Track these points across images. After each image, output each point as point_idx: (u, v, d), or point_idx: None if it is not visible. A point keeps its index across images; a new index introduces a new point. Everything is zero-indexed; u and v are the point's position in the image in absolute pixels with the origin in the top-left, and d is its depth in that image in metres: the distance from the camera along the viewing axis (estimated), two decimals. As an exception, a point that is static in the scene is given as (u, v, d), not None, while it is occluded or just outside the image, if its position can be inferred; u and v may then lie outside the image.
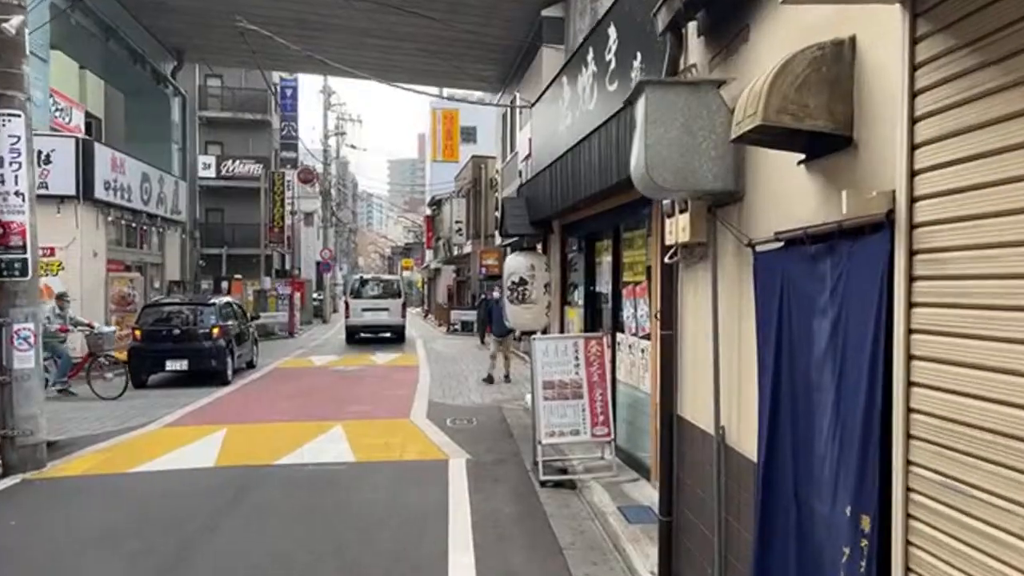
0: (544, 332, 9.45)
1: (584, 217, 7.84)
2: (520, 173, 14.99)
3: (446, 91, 27.94)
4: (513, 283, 8.77)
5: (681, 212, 3.75)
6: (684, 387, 4.10)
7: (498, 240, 22.43)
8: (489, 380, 12.61)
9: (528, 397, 9.98)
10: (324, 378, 13.79)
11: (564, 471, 6.57)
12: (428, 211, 40.33)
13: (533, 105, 10.11)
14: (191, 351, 11.97)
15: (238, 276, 27.73)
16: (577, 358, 6.47)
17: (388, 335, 21.78)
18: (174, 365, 11.69)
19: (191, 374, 12.21)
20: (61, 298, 11.65)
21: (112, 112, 21.77)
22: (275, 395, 11.66)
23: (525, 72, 19.11)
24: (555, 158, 7.75)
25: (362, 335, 21.55)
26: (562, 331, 9.03)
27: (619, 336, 6.85)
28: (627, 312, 6.58)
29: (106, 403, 10.68)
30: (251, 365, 15.06)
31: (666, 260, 4.08)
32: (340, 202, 53.21)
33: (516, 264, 8.81)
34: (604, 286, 7.50)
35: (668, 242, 4.00)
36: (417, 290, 52.80)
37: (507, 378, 12.85)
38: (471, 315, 26.38)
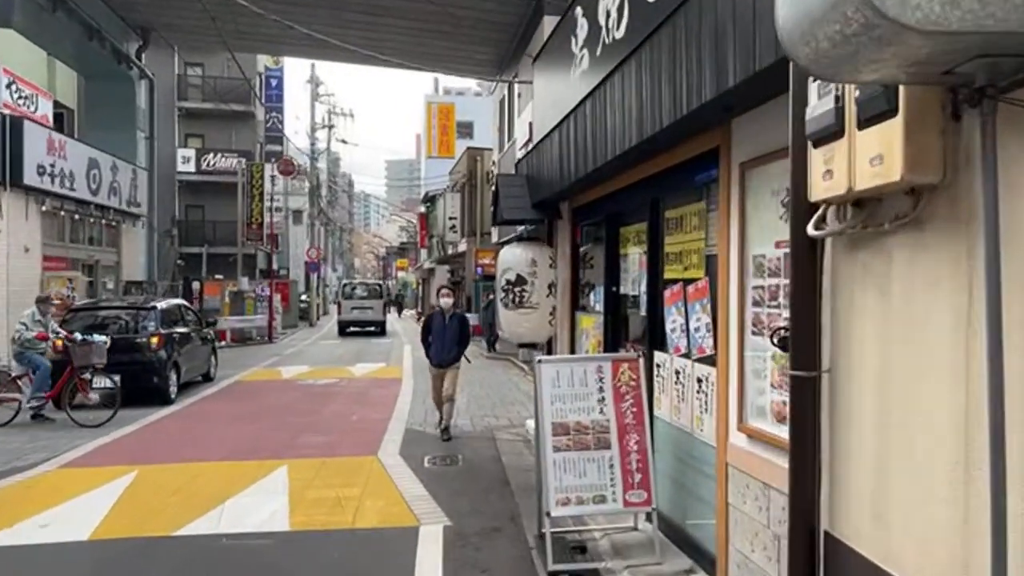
0: (548, 345, 7.42)
1: (605, 194, 5.83)
2: (518, 165, 13.00)
3: (442, 86, 26.02)
4: (508, 282, 6.75)
5: (867, 123, 1.74)
6: (847, 481, 2.09)
7: (495, 237, 20.48)
8: (445, 435, 8.22)
9: (530, 423, 7.96)
10: (288, 395, 11.75)
11: (583, 549, 4.56)
12: (422, 208, 38.31)
13: (535, 60, 8.10)
14: (124, 365, 9.90)
15: (219, 276, 25.76)
16: (602, 390, 4.46)
17: (372, 328, 26.73)
18: (101, 382, 9.64)
19: (126, 392, 10.18)
20: (44, 302, 9.83)
21: (89, 104, 19.70)
22: (221, 420, 9.62)
23: (525, 50, 17.13)
24: (565, 114, 5.74)
25: (351, 328, 26.54)
26: (572, 344, 7.00)
27: (658, 356, 4.85)
28: (672, 323, 4.57)
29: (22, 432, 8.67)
30: (207, 378, 13.03)
31: (811, 231, 2.07)
32: (331, 200, 51.19)
33: (512, 258, 6.79)
34: (633, 286, 5.48)
35: (817, 196, 2.00)
36: (412, 291, 50.75)
37: (445, 433, 8.22)
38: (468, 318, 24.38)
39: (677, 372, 4.53)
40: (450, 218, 26.78)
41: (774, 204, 3.30)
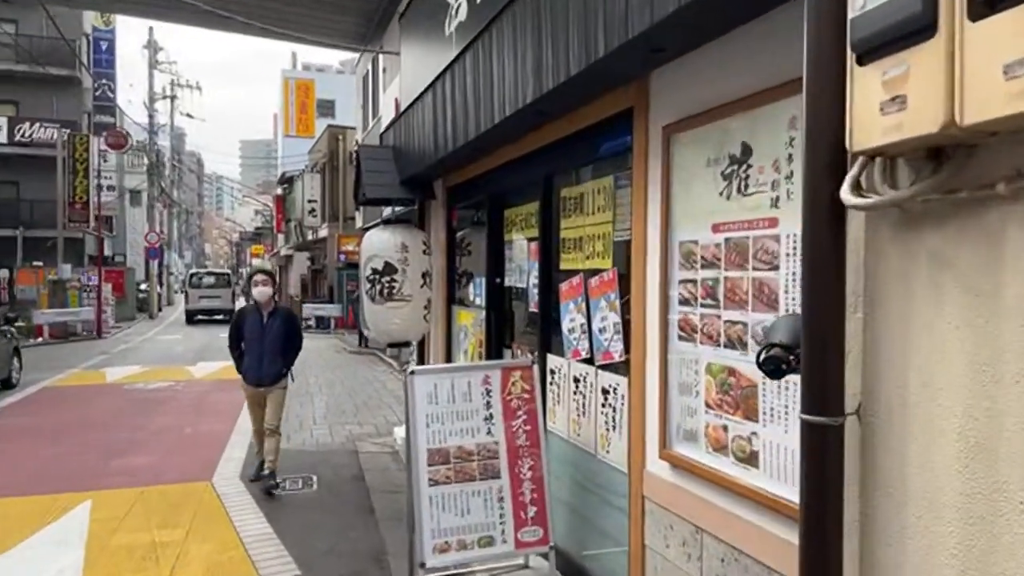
0: (421, 345, 6.52)
1: (487, 170, 5.00)
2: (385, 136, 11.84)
3: (300, 61, 24.18)
4: (374, 271, 5.78)
5: (993, 5, 1.01)
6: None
7: (360, 222, 19.16)
8: (268, 483, 5.80)
9: (399, 432, 7.03)
10: (109, 403, 10.01)
11: (464, 597, 3.74)
12: (279, 190, 35.79)
13: (401, 17, 7.10)
14: None
15: (37, 263, 22.43)
16: (490, 405, 3.63)
17: (220, 317, 25.81)
18: None
19: None
20: None
21: None
22: (13, 439, 7.87)
23: (391, 22, 15.92)
24: (441, 70, 4.83)
25: (199, 317, 26.75)
26: (449, 344, 6.14)
27: (552, 360, 4.10)
28: (569, 321, 3.83)
29: None
30: (7, 384, 10.92)
31: (848, 198, 1.31)
32: (177, 179, 46.88)
33: (379, 243, 5.83)
34: (521, 277, 4.70)
35: (863, 144, 1.25)
36: (269, 280, 47.48)
37: (269, 479, 5.79)
38: (329, 309, 22.87)
39: (576, 380, 3.80)
40: (309, 201, 24.99)
41: (711, 177, 2.60)
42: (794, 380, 2.25)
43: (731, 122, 2.51)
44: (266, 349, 5.93)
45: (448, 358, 6.06)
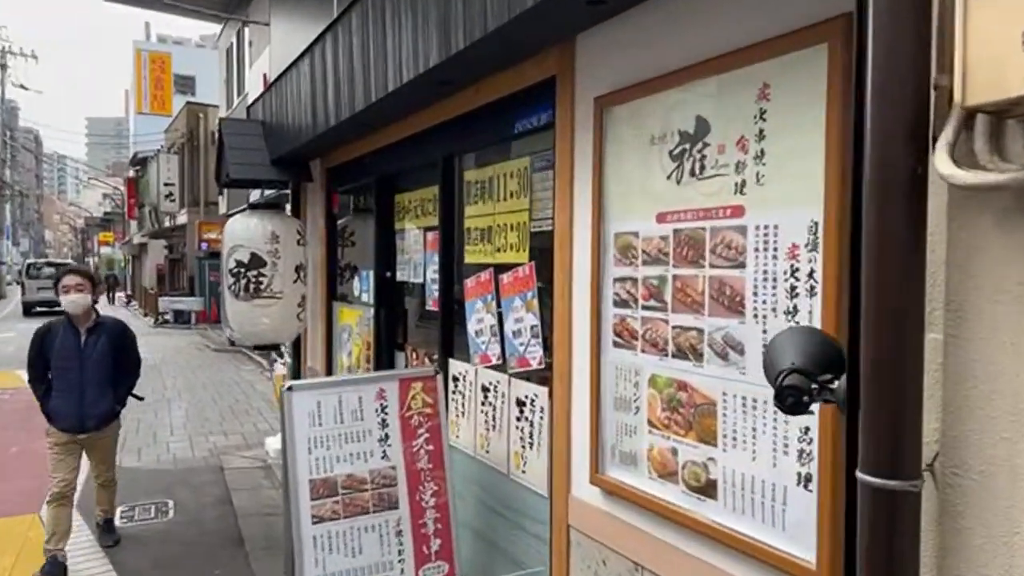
0: (296, 347, 5.83)
1: (374, 149, 4.41)
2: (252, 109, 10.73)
3: (155, 33, 22.13)
4: (239, 263, 5.05)
5: None
6: None
7: (224, 208, 17.67)
8: (108, 538, 4.67)
9: (272, 442, 6.28)
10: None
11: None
12: (131, 172, 32.68)
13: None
14: None
15: None
16: (386, 424, 3.08)
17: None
18: None
19: None
20: None
21: None
22: None
23: (257, -10, 14.66)
24: (321, 31, 4.18)
25: (38, 309, 24.51)
26: (329, 346, 5.48)
27: (456, 366, 3.62)
28: (477, 323, 3.37)
29: None
30: None
31: (950, 172, 0.92)
32: (8, 158, 41.77)
33: (244, 231, 5.09)
34: (417, 272, 4.17)
35: (988, 96, 0.86)
36: (121, 270, 43.59)
37: (108, 533, 4.69)
38: (189, 302, 21.05)
39: (485, 389, 3.34)
40: (166, 184, 22.87)
41: (657, 157, 2.22)
42: (764, 397, 1.92)
43: (682, 92, 2.12)
44: (88, 379, 4.32)
45: (329, 362, 5.41)
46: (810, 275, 1.76)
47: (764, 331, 1.88)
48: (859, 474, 1.04)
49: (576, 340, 2.60)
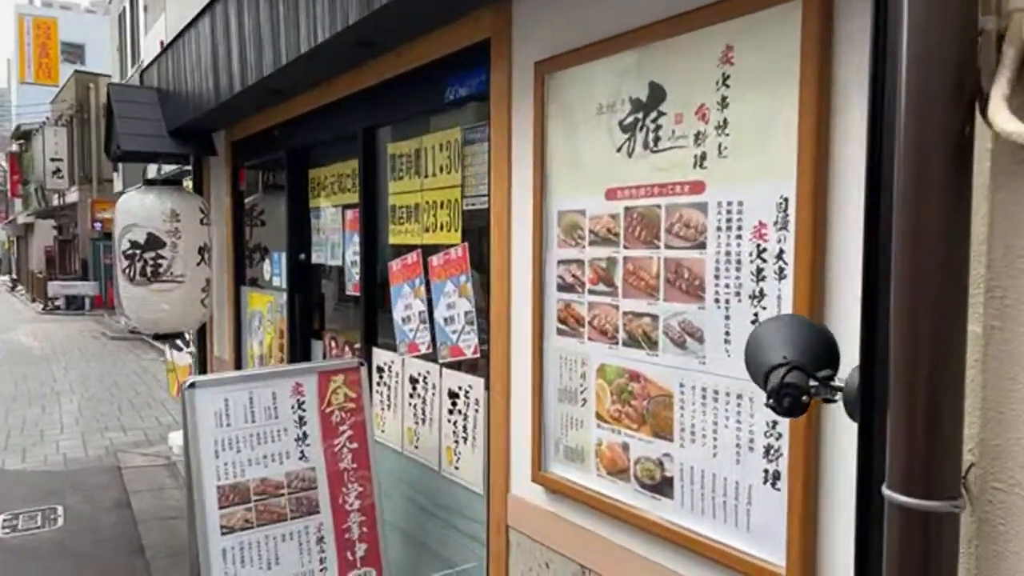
0: (202, 336, 5.39)
1: (285, 120, 4.04)
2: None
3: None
4: (134, 244, 4.58)
5: None
6: None
7: (119, 185, 16.44)
8: None
9: (175, 438, 5.82)
10: None
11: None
12: (14, 147, 30.06)
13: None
14: None
15: None
16: (304, 421, 2.79)
17: None
18: None
19: None
20: None
21: None
22: None
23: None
24: (223, -11, 3.76)
25: None
26: (239, 335, 5.07)
27: (381, 355, 3.35)
28: (404, 309, 3.12)
29: None
30: None
31: (1011, 127, 0.76)
32: None
33: (140, 208, 4.62)
34: (335, 253, 3.85)
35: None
36: (4, 252, 40.24)
37: None
38: (82, 287, 19.61)
39: (414, 380, 3.10)
40: (53, 160, 21.13)
41: (605, 128, 2.03)
42: (727, 389, 1.77)
43: (634, 56, 1.94)
44: None
45: (239, 352, 5.01)
46: (779, 256, 1.61)
47: (727, 317, 1.73)
48: (886, 492, 0.88)
49: (516, 327, 2.40)
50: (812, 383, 1.11)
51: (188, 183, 5.45)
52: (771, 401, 1.13)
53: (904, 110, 0.84)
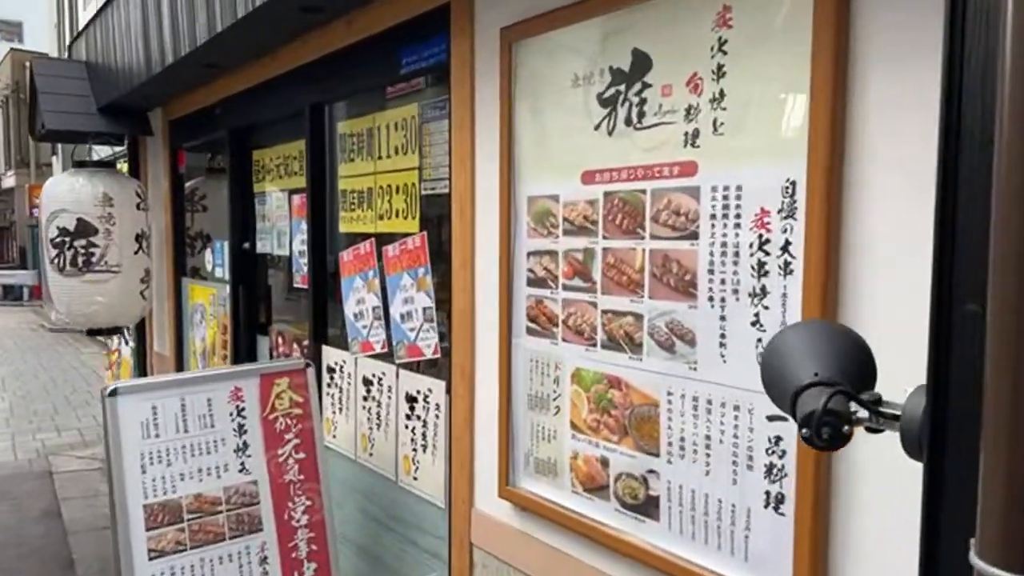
0: (140, 331, 5.03)
1: (226, 97, 3.71)
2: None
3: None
4: (62, 231, 4.20)
5: None
6: None
7: (58, 169, 15.63)
8: None
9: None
10: None
11: None
12: (-56, 129, 28.50)
13: None
14: None
15: None
16: (244, 429, 2.51)
17: None
18: None
19: None
20: None
21: None
22: None
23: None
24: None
25: None
26: (179, 330, 4.71)
27: (331, 354, 3.08)
28: (356, 304, 2.85)
29: None
30: None
31: None
32: None
33: (70, 193, 4.24)
34: (281, 242, 3.55)
35: None
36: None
37: None
38: (20, 276, 18.69)
39: (368, 382, 2.84)
40: (-13, 142, 20.07)
41: (582, 102, 1.80)
42: (723, 398, 1.57)
43: (615, 19, 1.70)
44: None
45: (180, 348, 4.67)
46: (784, 248, 1.40)
47: (722, 318, 1.52)
48: (976, 562, 0.67)
49: (480, 326, 2.17)
50: (856, 410, 0.90)
51: (124, 166, 5.04)
52: (805, 431, 0.90)
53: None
